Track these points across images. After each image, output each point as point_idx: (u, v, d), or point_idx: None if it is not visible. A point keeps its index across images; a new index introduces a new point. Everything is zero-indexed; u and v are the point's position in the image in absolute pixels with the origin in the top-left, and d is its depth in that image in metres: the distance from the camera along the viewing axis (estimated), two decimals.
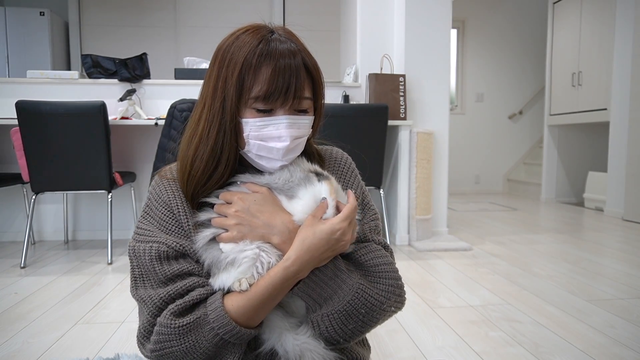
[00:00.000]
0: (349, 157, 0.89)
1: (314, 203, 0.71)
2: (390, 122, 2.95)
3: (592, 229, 3.70)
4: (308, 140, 0.80)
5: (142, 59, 3.21)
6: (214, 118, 0.72)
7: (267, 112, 0.71)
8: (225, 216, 0.71)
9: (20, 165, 2.61)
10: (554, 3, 5.28)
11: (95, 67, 3.19)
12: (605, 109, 4.48)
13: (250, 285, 0.67)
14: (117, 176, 2.67)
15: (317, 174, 0.74)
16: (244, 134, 0.72)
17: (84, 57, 3.20)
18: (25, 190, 3.08)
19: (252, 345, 0.73)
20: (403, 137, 3.08)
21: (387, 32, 3.38)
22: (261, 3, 5.69)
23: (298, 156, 0.77)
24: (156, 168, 2.34)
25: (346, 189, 0.82)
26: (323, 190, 0.72)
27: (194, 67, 3.38)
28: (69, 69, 5.44)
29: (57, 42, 5.20)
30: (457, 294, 2.08)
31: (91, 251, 2.90)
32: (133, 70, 3.17)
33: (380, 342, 1.58)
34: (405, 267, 2.55)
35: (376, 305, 0.71)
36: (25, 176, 2.60)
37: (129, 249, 0.74)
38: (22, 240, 2.74)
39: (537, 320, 1.76)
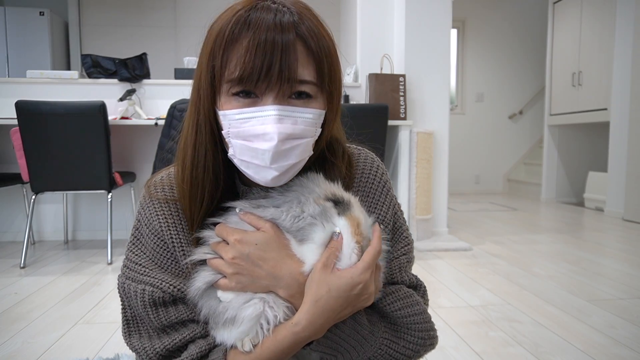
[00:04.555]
0: (380, 164, 0.72)
1: None
2: (390, 122, 2.95)
3: (592, 229, 3.70)
4: (336, 137, 0.66)
5: (142, 59, 3.21)
6: (192, 115, 0.60)
7: (252, 101, 0.56)
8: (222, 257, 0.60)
9: (20, 165, 2.61)
10: (554, 3, 5.28)
11: (95, 67, 3.19)
12: (606, 109, 4.48)
13: (255, 346, 0.57)
14: (117, 176, 2.67)
15: (336, 202, 0.58)
16: (223, 132, 0.58)
17: (84, 57, 3.20)
18: (25, 190, 3.08)
19: None
20: (403, 137, 3.08)
21: (387, 32, 3.38)
22: None
23: (313, 172, 0.62)
24: (156, 168, 2.33)
25: (372, 215, 0.67)
26: (341, 225, 0.57)
27: (194, 67, 3.37)
28: (68, 69, 5.44)
29: (57, 42, 5.20)
30: (457, 294, 2.08)
31: (91, 251, 2.90)
32: (133, 70, 3.17)
33: None
34: None
35: None
36: (25, 176, 2.60)
37: (119, 284, 0.64)
38: (22, 240, 2.74)
39: (537, 320, 1.76)
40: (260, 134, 0.55)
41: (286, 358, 0.59)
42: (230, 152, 0.59)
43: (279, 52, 0.53)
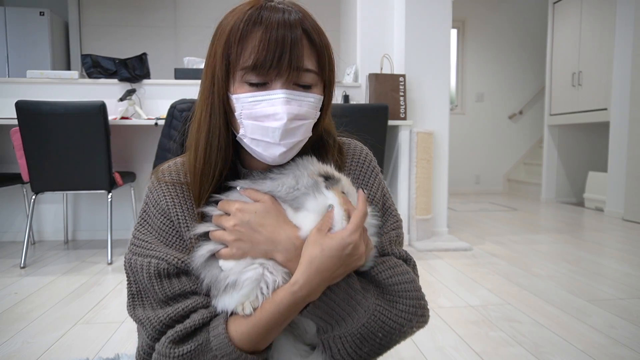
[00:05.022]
0: (369, 152, 0.80)
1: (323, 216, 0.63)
2: (390, 122, 2.95)
3: (592, 229, 3.70)
4: (327, 129, 0.72)
5: (142, 59, 3.21)
6: (206, 99, 0.66)
7: (262, 86, 0.63)
8: (224, 229, 0.64)
9: (20, 165, 2.61)
10: (554, 3, 5.28)
11: (95, 67, 3.19)
12: (605, 109, 4.48)
13: (255, 309, 0.61)
14: (117, 176, 2.67)
15: (327, 178, 0.65)
16: (236, 113, 0.64)
17: (84, 57, 3.20)
18: (25, 190, 3.08)
19: None
20: (403, 137, 3.08)
21: (387, 32, 3.38)
22: None
23: (308, 155, 0.69)
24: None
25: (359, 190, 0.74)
26: (330, 198, 0.63)
27: (194, 67, 3.38)
28: (69, 69, 5.44)
29: (57, 42, 5.20)
30: (457, 294, 2.08)
31: (91, 251, 2.90)
32: (133, 70, 3.17)
33: None
34: None
35: (395, 329, 0.65)
36: (25, 176, 2.60)
37: (125, 261, 0.68)
38: (22, 240, 2.74)
39: (537, 320, 1.76)
40: (271, 114, 0.62)
41: (285, 322, 0.63)
42: (241, 132, 0.65)
43: (289, 45, 0.61)
